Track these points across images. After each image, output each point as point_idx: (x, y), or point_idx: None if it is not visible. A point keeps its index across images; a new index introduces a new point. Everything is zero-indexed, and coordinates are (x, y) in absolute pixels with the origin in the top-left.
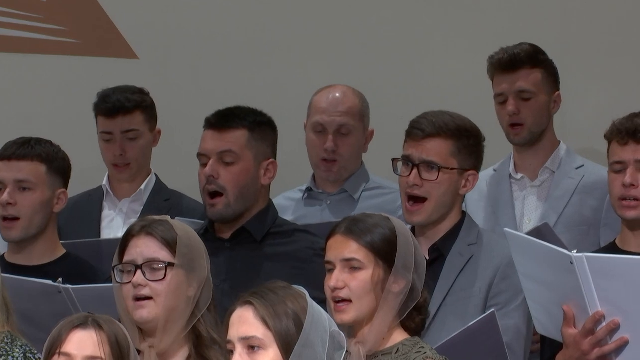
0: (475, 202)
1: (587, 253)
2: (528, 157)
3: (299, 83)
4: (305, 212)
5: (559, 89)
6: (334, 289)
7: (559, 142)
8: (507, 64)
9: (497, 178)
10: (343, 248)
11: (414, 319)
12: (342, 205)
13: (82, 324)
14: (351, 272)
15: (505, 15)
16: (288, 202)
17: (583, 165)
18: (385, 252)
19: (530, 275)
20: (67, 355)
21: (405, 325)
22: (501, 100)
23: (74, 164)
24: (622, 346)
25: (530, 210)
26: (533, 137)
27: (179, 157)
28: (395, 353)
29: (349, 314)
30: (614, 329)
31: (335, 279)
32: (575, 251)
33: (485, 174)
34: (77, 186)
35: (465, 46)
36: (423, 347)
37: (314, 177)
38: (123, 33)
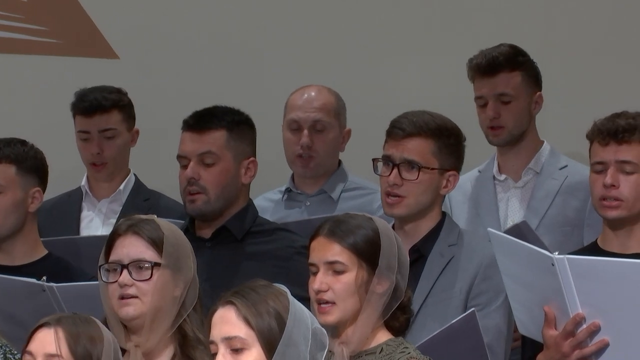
0: (460, 204)
1: (569, 255)
2: (511, 158)
3: (278, 84)
4: (285, 214)
5: (540, 89)
6: (318, 292)
7: (543, 142)
8: (485, 68)
9: (481, 179)
10: (326, 250)
11: (398, 319)
12: (322, 206)
13: (46, 323)
14: (335, 275)
15: (486, 15)
16: (267, 203)
17: (567, 166)
18: (368, 253)
19: (513, 276)
20: (30, 353)
21: (389, 325)
22: (481, 103)
23: (55, 164)
24: (603, 348)
25: (513, 211)
26: (512, 138)
27: (159, 158)
28: (379, 353)
29: (333, 315)
30: (595, 331)
31: (319, 281)
32: (556, 253)
33: (470, 175)
34: (59, 186)
35: (445, 46)
36: (407, 347)
37: (292, 177)
38: (104, 33)
